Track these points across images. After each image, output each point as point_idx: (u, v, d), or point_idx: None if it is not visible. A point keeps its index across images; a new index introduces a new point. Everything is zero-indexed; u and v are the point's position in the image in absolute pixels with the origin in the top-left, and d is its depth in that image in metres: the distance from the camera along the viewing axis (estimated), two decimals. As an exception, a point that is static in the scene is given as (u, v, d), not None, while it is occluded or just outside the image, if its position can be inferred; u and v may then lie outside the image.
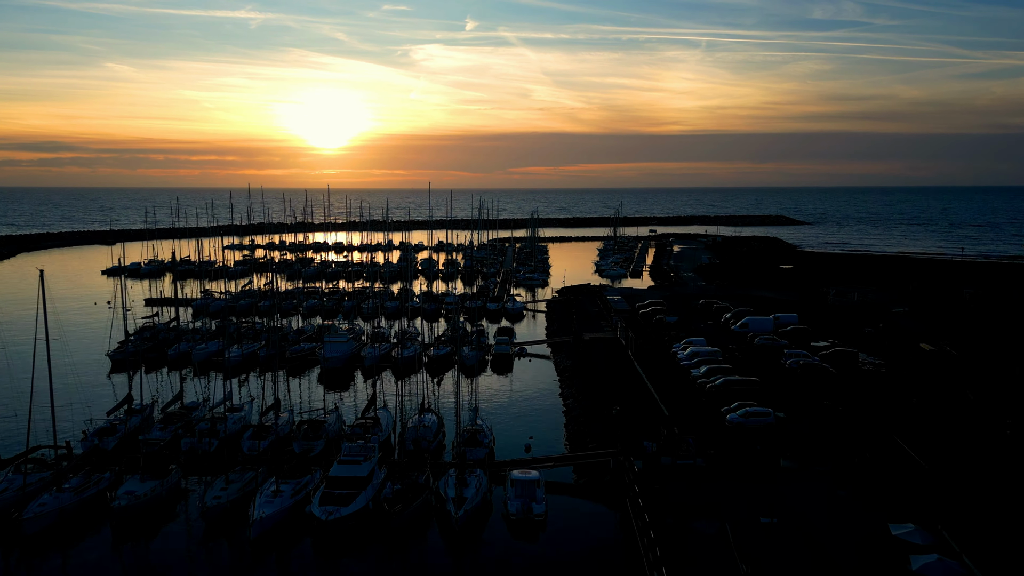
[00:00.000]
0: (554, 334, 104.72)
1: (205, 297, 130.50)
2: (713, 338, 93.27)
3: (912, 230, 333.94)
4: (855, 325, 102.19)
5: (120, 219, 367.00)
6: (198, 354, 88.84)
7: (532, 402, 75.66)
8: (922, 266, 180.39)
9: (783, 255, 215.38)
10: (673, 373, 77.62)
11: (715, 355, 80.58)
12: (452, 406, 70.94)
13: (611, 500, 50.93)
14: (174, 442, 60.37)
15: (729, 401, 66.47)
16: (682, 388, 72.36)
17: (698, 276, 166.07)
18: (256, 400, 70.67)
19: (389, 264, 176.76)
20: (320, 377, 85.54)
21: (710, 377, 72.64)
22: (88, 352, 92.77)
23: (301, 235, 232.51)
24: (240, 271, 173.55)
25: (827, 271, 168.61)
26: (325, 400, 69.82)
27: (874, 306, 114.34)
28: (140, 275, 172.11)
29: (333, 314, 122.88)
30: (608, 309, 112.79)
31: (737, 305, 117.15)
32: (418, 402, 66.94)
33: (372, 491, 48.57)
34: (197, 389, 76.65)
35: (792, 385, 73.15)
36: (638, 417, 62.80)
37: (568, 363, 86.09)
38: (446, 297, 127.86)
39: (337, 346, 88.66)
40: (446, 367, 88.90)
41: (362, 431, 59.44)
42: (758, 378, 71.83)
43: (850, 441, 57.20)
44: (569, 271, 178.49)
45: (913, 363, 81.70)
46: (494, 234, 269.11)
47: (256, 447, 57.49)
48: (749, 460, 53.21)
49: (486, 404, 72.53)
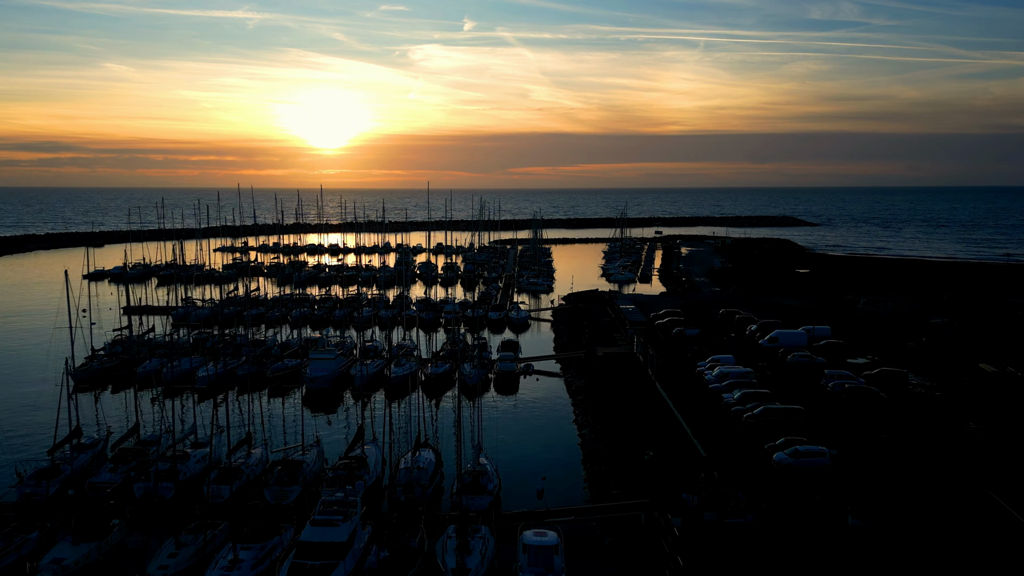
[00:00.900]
0: (563, 347, 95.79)
1: (187, 305, 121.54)
2: (740, 353, 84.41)
3: (925, 231, 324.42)
4: (893, 339, 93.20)
5: (116, 220, 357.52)
6: (169, 373, 80.00)
7: (542, 431, 66.72)
8: (955, 271, 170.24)
9: (797, 258, 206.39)
10: (702, 398, 68.59)
11: (748, 376, 71.64)
12: (451, 436, 62.24)
13: (645, 567, 41.98)
14: (125, 486, 51.42)
15: (772, 434, 57.54)
16: (714, 417, 63.33)
17: (711, 281, 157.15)
18: (229, 431, 61.70)
19: (385, 268, 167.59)
20: (304, 399, 76.67)
21: (746, 404, 63.69)
22: (50, 369, 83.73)
23: (295, 237, 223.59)
24: (229, 275, 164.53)
25: (847, 276, 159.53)
26: (305, 433, 60.84)
27: (910, 317, 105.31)
28: (123, 280, 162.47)
29: (324, 324, 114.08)
30: (621, 319, 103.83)
31: (759, 314, 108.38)
32: (412, 433, 58.10)
33: (353, 561, 39.54)
34: (164, 416, 67.68)
35: (839, 413, 64.15)
36: (668, 454, 53.89)
37: (581, 383, 77.16)
38: (445, 305, 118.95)
39: (323, 364, 79.75)
40: (445, 387, 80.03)
41: (346, 473, 50.56)
42: (802, 406, 62.84)
43: (927, 489, 48.28)
44: (574, 275, 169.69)
45: (970, 386, 72.60)
46: (495, 235, 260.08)
47: (221, 493, 48.68)
48: (809, 516, 44.29)
49: (490, 434, 63.74)
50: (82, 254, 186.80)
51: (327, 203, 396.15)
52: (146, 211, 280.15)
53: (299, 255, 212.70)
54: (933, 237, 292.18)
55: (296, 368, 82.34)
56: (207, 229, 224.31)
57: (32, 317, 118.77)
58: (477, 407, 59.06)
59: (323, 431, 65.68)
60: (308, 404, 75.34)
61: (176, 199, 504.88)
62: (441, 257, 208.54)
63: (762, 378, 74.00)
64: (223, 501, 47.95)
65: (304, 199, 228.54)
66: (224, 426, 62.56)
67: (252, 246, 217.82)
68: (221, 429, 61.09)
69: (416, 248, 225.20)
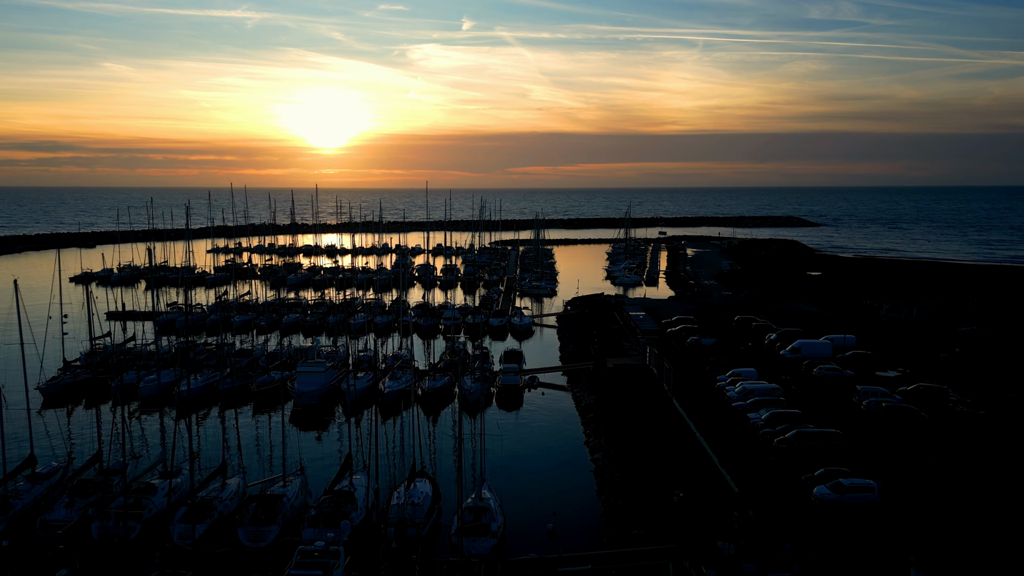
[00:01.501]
0: (570, 357, 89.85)
1: (172, 311, 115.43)
2: (760, 365, 78.56)
3: (934, 232, 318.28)
4: (923, 349, 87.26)
5: (109, 221, 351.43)
6: (146, 387, 74.11)
7: (550, 454, 60.82)
8: (977, 274, 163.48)
9: (807, 260, 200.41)
10: (725, 417, 62.63)
11: (774, 393, 65.68)
12: (451, 462, 56.50)
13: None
14: (82, 525, 45.40)
15: (808, 463, 51.60)
16: (741, 440, 57.37)
17: (721, 284, 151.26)
18: (199, 459, 55.73)
19: (383, 270, 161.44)
20: (291, 416, 70.74)
21: (775, 426, 57.74)
22: (15, 386, 77.66)
23: (290, 238, 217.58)
24: (220, 278, 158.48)
25: (862, 279, 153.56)
26: (289, 457, 54.81)
27: (937, 324, 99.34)
28: (111, 282, 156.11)
29: (317, 331, 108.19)
30: (632, 328, 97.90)
31: (775, 321, 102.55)
32: (407, 460, 52.18)
33: (334, 628, 33.63)
34: (132, 439, 61.85)
35: (878, 436, 58.20)
36: (695, 489, 47.97)
37: (591, 399, 71.21)
38: (444, 311, 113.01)
39: (312, 377, 73.82)
40: (443, 402, 74.12)
41: (331, 511, 44.63)
42: (838, 429, 56.90)
43: (996, 531, 42.37)
44: (578, 277, 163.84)
45: (1017, 403, 66.59)
46: (496, 236, 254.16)
47: (189, 534, 42.74)
48: (864, 568, 38.36)
49: (493, 456, 57.90)
50: (70, 256, 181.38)
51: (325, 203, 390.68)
52: (140, 211, 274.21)
53: (295, 256, 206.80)
54: (943, 238, 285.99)
55: (283, 382, 76.39)
56: (197, 230, 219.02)
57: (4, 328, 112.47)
58: (480, 429, 53.10)
59: (309, 454, 59.77)
60: (295, 421, 69.49)
61: (176, 199, 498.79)
62: (440, 259, 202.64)
63: (788, 394, 68.10)
64: (190, 544, 42.03)
65: (301, 199, 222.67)
66: (200, 450, 56.76)
67: (246, 247, 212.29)
68: (195, 455, 55.28)
69: (415, 249, 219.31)
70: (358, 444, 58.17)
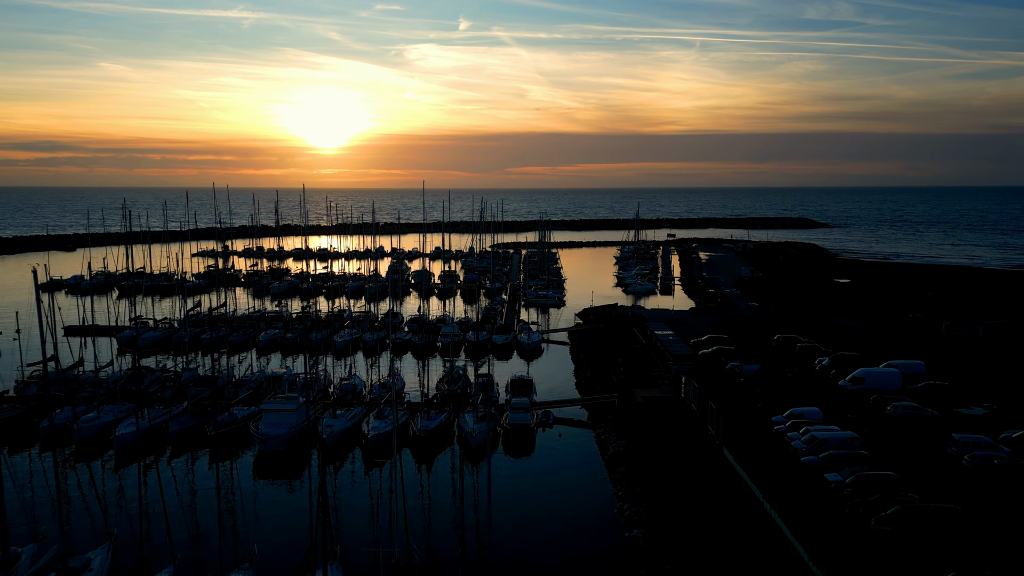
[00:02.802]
0: (587, 385, 77.08)
1: (135, 326, 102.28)
2: (820, 399, 65.85)
3: (953, 234, 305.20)
4: (1005, 378, 74.41)
5: (97, 223, 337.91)
6: (83, 429, 61.13)
7: (576, 521, 47.92)
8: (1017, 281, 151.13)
9: (829, 265, 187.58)
10: (794, 479, 49.68)
11: (852, 444, 52.76)
12: (449, 540, 43.89)
13: None
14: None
15: (926, 555, 38.72)
16: (822, 515, 44.38)
17: (743, 293, 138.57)
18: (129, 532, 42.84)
19: (376, 277, 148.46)
20: (255, 464, 57.92)
21: (866, 495, 44.82)
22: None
23: (279, 240, 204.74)
24: (199, 285, 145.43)
25: (894, 287, 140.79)
26: (240, 534, 42.09)
27: (1010, 343, 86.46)
28: (81, 291, 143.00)
29: (296, 350, 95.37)
30: (658, 349, 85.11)
31: (817, 338, 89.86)
32: (392, 546, 39.45)
33: None
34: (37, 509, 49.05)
35: (1006, 512, 45.15)
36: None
37: (620, 446, 58.29)
38: (442, 327, 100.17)
39: (280, 417, 60.89)
40: (440, 447, 61.22)
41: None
42: (957, 504, 43.97)
43: None
44: (587, 285, 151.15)
45: None
46: (498, 238, 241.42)
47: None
48: None
49: (500, 528, 45.27)
50: (50, 259, 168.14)
51: (318, 204, 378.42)
52: (137, 211, 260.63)
53: (283, 260, 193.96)
54: (965, 241, 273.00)
55: (249, 419, 63.57)
56: (183, 232, 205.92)
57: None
58: (482, 474, 40.08)
59: (267, 528, 46.90)
60: (258, 472, 56.69)
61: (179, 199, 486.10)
62: (438, 264, 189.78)
63: (867, 442, 55.23)
64: None
65: (290, 200, 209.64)
66: (123, 527, 43.89)
67: (231, 251, 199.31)
68: (114, 535, 42.34)
69: (412, 253, 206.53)
70: (335, 519, 45.32)
